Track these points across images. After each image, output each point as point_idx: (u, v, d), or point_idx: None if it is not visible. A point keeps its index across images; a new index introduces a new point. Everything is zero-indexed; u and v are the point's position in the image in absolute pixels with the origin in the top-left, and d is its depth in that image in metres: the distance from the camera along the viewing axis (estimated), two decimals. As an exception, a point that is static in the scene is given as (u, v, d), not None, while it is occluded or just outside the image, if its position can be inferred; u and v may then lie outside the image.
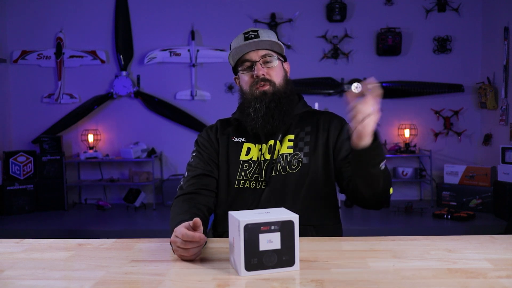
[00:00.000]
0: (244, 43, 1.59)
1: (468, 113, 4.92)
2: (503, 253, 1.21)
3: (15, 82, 5.14)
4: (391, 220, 4.23)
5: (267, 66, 1.61)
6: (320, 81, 4.88)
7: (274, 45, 1.61)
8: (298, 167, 1.57)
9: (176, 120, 5.01)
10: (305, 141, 1.61)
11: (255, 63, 1.60)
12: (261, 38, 1.60)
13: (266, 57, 1.60)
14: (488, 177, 4.37)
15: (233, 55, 1.64)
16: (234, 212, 1.13)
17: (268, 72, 1.60)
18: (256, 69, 1.59)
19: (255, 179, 1.58)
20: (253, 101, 1.59)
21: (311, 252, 1.25)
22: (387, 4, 4.91)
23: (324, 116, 1.67)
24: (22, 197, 4.73)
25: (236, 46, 1.61)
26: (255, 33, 1.61)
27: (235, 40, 1.67)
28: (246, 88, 1.63)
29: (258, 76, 1.59)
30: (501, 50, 4.42)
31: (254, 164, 1.60)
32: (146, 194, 5.03)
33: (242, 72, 1.64)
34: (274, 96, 1.59)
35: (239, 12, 4.92)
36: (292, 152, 1.59)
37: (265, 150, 1.61)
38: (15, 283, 1.06)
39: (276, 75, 1.62)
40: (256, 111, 1.58)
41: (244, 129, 1.66)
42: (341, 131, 1.61)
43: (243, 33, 1.64)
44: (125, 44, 4.99)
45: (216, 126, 1.72)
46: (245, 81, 1.64)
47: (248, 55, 1.61)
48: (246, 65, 1.62)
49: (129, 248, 1.32)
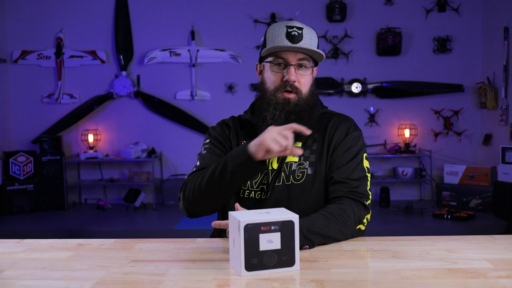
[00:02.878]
0: (287, 44, 1.46)
1: (468, 113, 4.92)
2: (503, 253, 1.21)
3: (15, 82, 5.14)
4: (391, 220, 4.23)
5: (300, 72, 1.50)
6: (320, 81, 4.88)
7: (315, 54, 1.50)
8: (303, 178, 1.50)
9: (176, 120, 5.01)
10: (312, 149, 1.53)
11: (290, 65, 1.48)
12: (304, 40, 1.47)
13: (302, 60, 1.49)
14: (488, 177, 4.37)
15: (268, 50, 1.49)
16: (234, 212, 1.13)
17: (299, 79, 1.49)
18: (288, 72, 1.47)
19: (261, 190, 1.52)
20: (273, 106, 1.49)
21: (311, 252, 1.25)
22: (387, 4, 4.91)
23: (334, 120, 1.57)
24: (22, 197, 4.73)
25: (277, 45, 1.47)
26: (300, 31, 1.47)
27: (274, 28, 1.52)
28: (270, 86, 1.52)
29: (289, 81, 1.48)
30: (501, 50, 4.42)
31: (260, 174, 1.52)
32: (146, 194, 5.03)
33: (272, 67, 1.51)
34: (296, 108, 1.49)
35: (239, 12, 4.92)
36: (297, 161, 1.51)
37: (274, 159, 1.53)
38: (15, 283, 1.06)
39: (305, 84, 1.51)
40: (274, 120, 1.49)
41: (255, 134, 1.50)
42: (342, 142, 1.52)
43: (286, 25, 1.49)
44: (125, 44, 4.99)
45: (230, 124, 1.63)
46: (271, 79, 1.51)
47: (284, 54, 1.48)
48: (279, 62, 1.50)
49: (129, 248, 1.32)
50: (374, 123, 4.97)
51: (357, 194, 1.43)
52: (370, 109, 4.96)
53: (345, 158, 1.49)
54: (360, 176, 1.47)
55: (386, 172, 5.03)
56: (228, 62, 4.91)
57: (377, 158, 4.97)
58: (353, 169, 1.47)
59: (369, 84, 4.91)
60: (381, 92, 4.91)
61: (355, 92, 4.90)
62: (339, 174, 1.47)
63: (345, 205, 1.39)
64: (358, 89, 4.90)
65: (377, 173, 4.96)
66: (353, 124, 1.58)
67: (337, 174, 1.47)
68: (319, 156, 1.52)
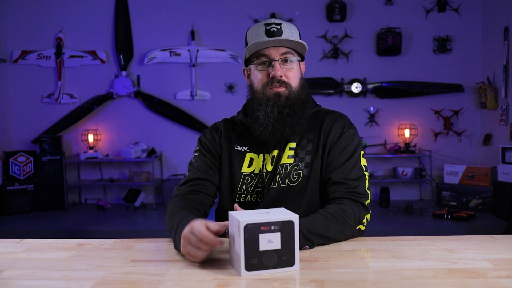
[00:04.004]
0: (266, 40, 1.44)
1: (468, 113, 4.92)
2: (503, 253, 1.21)
3: (15, 82, 5.14)
4: (391, 220, 4.23)
5: (286, 66, 1.47)
6: (320, 81, 4.89)
7: (297, 45, 1.47)
8: (299, 180, 1.48)
9: (176, 120, 5.01)
10: (307, 150, 1.51)
11: (274, 61, 1.46)
12: (284, 34, 1.45)
13: (286, 54, 1.46)
14: (488, 177, 4.37)
15: (250, 49, 1.47)
16: (234, 212, 1.13)
17: (286, 74, 1.47)
18: (274, 68, 1.45)
19: (256, 193, 1.51)
20: (265, 103, 1.47)
21: (311, 252, 1.25)
22: (387, 4, 4.91)
23: (328, 118, 1.54)
24: (22, 197, 4.73)
25: (256, 42, 1.44)
26: (278, 27, 1.45)
27: (253, 29, 1.50)
28: (258, 86, 1.50)
29: (275, 76, 1.45)
30: (501, 50, 4.42)
31: (255, 177, 1.51)
32: (146, 194, 5.03)
33: (257, 67, 1.49)
34: (288, 101, 1.47)
35: (239, 12, 4.92)
36: (292, 162, 1.49)
37: (268, 161, 1.51)
38: (15, 283, 1.06)
39: (294, 78, 1.49)
40: (267, 116, 1.46)
41: (248, 136, 1.54)
42: (338, 141, 1.50)
43: (264, 23, 1.47)
44: (125, 44, 4.99)
45: (221, 129, 1.61)
46: (258, 78, 1.49)
47: (267, 50, 1.46)
48: (262, 60, 1.48)
49: (129, 248, 1.32)
50: (374, 123, 4.97)
51: (356, 195, 1.43)
52: (370, 109, 4.96)
53: (342, 158, 1.48)
54: (358, 175, 1.46)
55: (386, 172, 5.03)
56: (228, 62, 4.90)
57: (377, 158, 4.97)
58: (350, 169, 1.46)
59: (369, 84, 4.91)
60: (381, 92, 4.91)
61: (355, 92, 4.90)
62: (337, 174, 1.46)
63: (345, 205, 1.39)
64: (358, 89, 4.90)
65: (377, 173, 4.96)
66: (348, 122, 1.55)
67: (335, 175, 1.46)
68: (314, 157, 1.50)
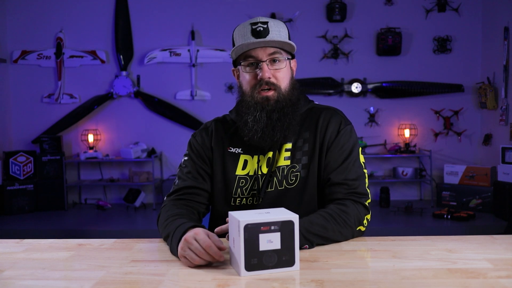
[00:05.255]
0: (252, 41, 1.40)
1: (468, 113, 4.92)
2: (503, 253, 1.20)
3: (15, 82, 5.14)
4: (391, 220, 4.23)
5: (274, 67, 1.43)
6: (320, 81, 4.89)
7: (285, 45, 1.43)
8: (296, 182, 1.45)
9: (176, 120, 5.01)
10: (303, 151, 1.47)
11: (261, 62, 1.42)
12: (271, 33, 1.41)
13: (274, 54, 1.42)
14: (488, 177, 4.37)
15: (236, 51, 1.44)
16: (234, 212, 1.13)
17: (275, 74, 1.43)
18: (262, 70, 1.41)
19: (252, 196, 1.48)
20: (253, 107, 1.43)
21: (311, 252, 1.25)
22: (387, 4, 4.91)
23: (323, 115, 1.50)
24: (22, 197, 4.73)
25: (242, 43, 1.41)
26: (265, 26, 1.41)
27: (240, 29, 1.46)
28: (246, 88, 1.46)
29: (263, 78, 1.41)
30: (501, 50, 4.42)
31: (250, 180, 1.48)
32: (146, 194, 5.03)
33: (245, 68, 1.45)
34: (278, 104, 1.42)
35: (239, 12, 4.92)
36: (289, 164, 1.46)
37: (263, 163, 1.48)
38: (15, 283, 1.06)
39: (283, 78, 1.44)
40: (256, 121, 1.42)
41: (242, 137, 1.50)
42: (335, 140, 1.47)
43: (250, 23, 1.43)
44: (125, 44, 4.99)
45: (211, 130, 1.56)
46: (246, 80, 1.45)
47: (254, 52, 1.42)
48: (250, 62, 1.44)
49: (129, 248, 1.32)
50: (374, 123, 4.97)
51: (357, 195, 1.42)
52: (370, 109, 4.96)
53: (340, 158, 1.45)
54: (357, 175, 1.45)
55: (386, 172, 5.03)
56: (228, 62, 4.89)
57: (377, 158, 4.97)
58: (350, 168, 1.44)
59: (369, 84, 4.91)
60: (381, 92, 4.91)
61: (355, 92, 4.90)
62: (336, 175, 1.44)
63: (346, 206, 1.38)
64: (358, 89, 4.90)
65: (377, 173, 4.96)
66: (343, 118, 1.52)
67: (335, 176, 1.44)
68: (311, 157, 1.47)
